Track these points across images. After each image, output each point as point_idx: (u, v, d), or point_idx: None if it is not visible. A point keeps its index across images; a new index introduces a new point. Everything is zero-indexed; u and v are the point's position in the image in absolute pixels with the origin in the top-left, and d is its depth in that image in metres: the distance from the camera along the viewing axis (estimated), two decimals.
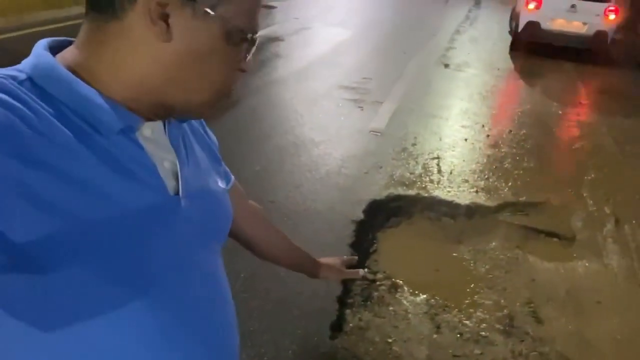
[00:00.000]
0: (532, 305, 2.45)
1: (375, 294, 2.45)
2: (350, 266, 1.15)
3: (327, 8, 10.25)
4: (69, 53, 0.56)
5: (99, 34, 0.54)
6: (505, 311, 2.40)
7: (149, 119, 0.59)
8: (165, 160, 0.61)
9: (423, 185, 3.44)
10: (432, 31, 9.00)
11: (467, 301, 2.47)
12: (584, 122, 5.05)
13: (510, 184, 3.56)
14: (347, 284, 2.46)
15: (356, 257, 1.17)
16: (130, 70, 0.55)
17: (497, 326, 2.31)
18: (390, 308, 2.37)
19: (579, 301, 2.49)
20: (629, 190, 3.58)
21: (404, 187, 3.40)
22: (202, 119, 0.66)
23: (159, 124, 0.61)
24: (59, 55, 0.56)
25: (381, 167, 3.63)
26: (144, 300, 0.57)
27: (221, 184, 0.75)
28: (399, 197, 3.28)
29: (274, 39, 7.16)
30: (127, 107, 0.55)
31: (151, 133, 0.59)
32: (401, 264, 2.71)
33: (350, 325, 2.22)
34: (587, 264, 2.77)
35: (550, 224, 3.13)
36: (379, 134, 4.24)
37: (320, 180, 3.40)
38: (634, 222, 3.16)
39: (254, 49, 0.60)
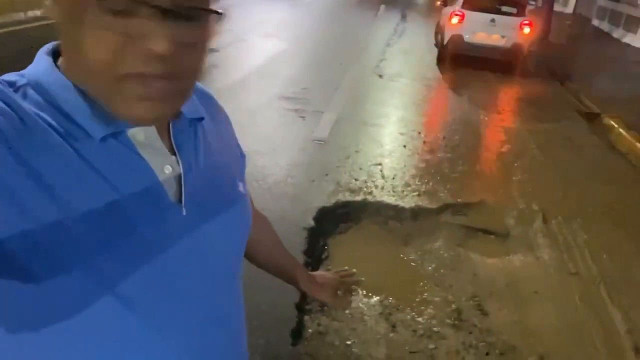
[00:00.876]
0: (476, 299, 2.61)
1: None
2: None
3: (260, 21, 10.29)
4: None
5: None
6: (453, 306, 2.54)
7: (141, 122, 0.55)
8: (165, 164, 0.58)
9: (369, 191, 3.56)
10: (364, 44, 9.30)
11: (417, 299, 2.58)
12: (508, 127, 5.44)
13: (448, 186, 3.77)
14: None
15: (354, 271, 1.11)
16: (77, 68, 0.52)
17: (447, 321, 2.44)
18: (347, 311, 2.42)
19: (518, 292, 2.68)
20: (552, 189, 3.91)
21: (351, 194, 3.49)
22: (138, 123, 0.56)
23: (151, 129, 0.57)
24: (62, 58, 0.55)
25: (327, 175, 3.70)
26: (133, 316, 0.55)
27: (242, 189, 0.71)
28: (346, 204, 3.37)
29: (209, 50, 7.09)
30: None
31: (144, 138, 0.56)
32: (353, 268, 2.77)
33: (310, 331, 2.25)
34: (521, 258, 3.00)
35: (487, 222, 3.35)
36: (322, 142, 4.32)
37: (269, 190, 3.41)
38: (559, 217, 3.45)
39: None
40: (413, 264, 2.89)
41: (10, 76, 0.53)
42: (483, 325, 2.41)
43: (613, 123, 5.76)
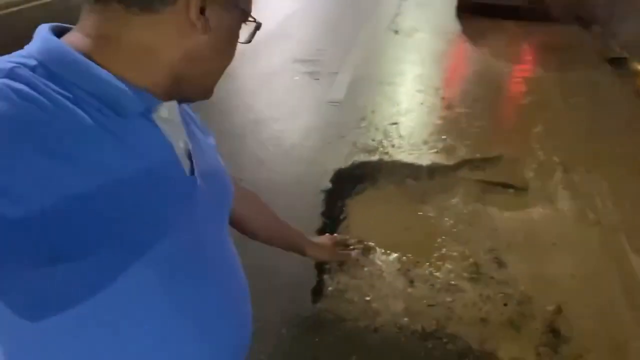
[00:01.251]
0: (494, 252, 2.63)
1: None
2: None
3: None
4: (76, 39, 0.55)
5: (119, 24, 0.54)
6: (471, 260, 2.57)
7: (161, 98, 0.60)
8: (179, 140, 0.63)
9: (385, 151, 3.55)
10: None
11: (435, 255, 2.61)
12: (530, 78, 5.28)
13: (466, 142, 3.73)
14: None
15: (348, 237, 1.17)
16: (156, 60, 0.56)
17: (465, 274, 2.47)
18: (365, 269, 2.49)
19: (536, 244, 2.69)
20: (574, 140, 3.82)
21: (367, 154, 3.49)
22: (203, 99, 0.66)
23: (174, 104, 0.62)
24: (64, 39, 0.55)
25: (343, 137, 3.71)
26: (168, 284, 0.59)
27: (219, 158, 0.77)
28: (363, 164, 3.38)
29: None
30: (143, 89, 0.56)
31: (168, 113, 0.61)
32: (371, 227, 2.82)
33: (330, 288, 2.32)
34: (541, 210, 2.98)
35: (505, 176, 3.32)
36: (337, 104, 4.30)
37: (285, 154, 3.44)
38: (581, 168, 3.39)
39: (256, 28, 0.67)
40: (431, 221, 2.91)
41: (15, 57, 0.52)
42: (500, 277, 2.44)
43: None
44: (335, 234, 1.21)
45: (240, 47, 0.65)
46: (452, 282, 2.42)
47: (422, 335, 2.08)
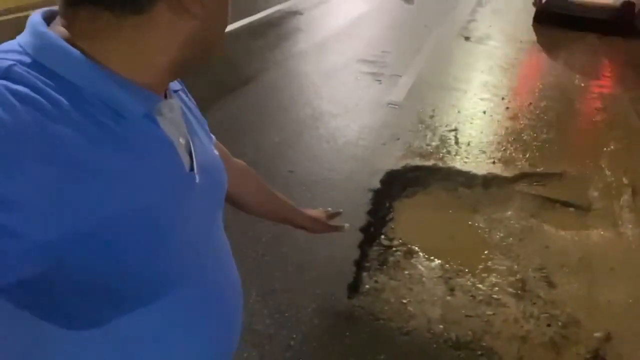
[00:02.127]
0: (544, 271, 2.51)
1: (391, 258, 2.54)
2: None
3: None
4: (68, 32, 0.51)
5: (108, 25, 0.50)
6: (518, 276, 2.47)
7: (161, 93, 0.58)
8: (180, 137, 0.61)
9: (440, 157, 3.49)
10: (453, 3, 8.84)
11: (480, 267, 2.53)
12: (607, 94, 4.97)
13: (527, 155, 3.58)
14: (364, 249, 2.55)
15: (341, 210, 1.17)
16: (155, 55, 0.54)
17: (510, 290, 2.38)
18: (406, 272, 2.46)
19: (592, 268, 2.54)
20: None
21: (421, 158, 3.44)
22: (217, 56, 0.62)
23: (175, 102, 0.61)
24: (58, 32, 0.52)
25: (398, 139, 3.67)
26: (172, 282, 0.59)
27: (214, 148, 0.75)
28: (416, 168, 3.33)
29: (293, 13, 7.15)
30: (144, 86, 0.54)
31: (169, 111, 0.59)
32: (417, 231, 2.78)
33: (367, 286, 2.32)
34: (601, 233, 2.80)
35: (567, 194, 3.15)
36: (396, 106, 4.26)
37: (338, 151, 3.46)
38: None
39: None
40: (479, 232, 2.82)
41: (6, 53, 0.49)
42: (548, 297, 2.33)
43: None
44: (329, 209, 1.20)
45: (309, 44, 0.64)
46: (495, 296, 2.33)
47: (455, 345, 2.03)
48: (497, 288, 2.39)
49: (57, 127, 0.46)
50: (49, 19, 0.54)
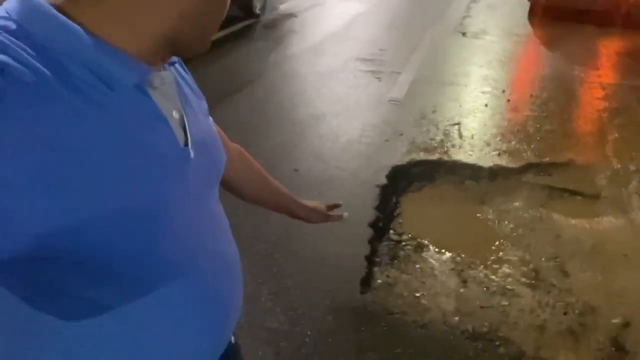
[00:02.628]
0: (557, 259, 2.48)
1: (402, 253, 2.51)
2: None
3: None
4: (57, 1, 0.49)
5: None
6: (531, 266, 2.44)
7: (154, 66, 0.56)
8: (173, 110, 0.59)
9: (445, 150, 3.46)
10: (447, 1, 8.84)
11: (492, 258, 2.51)
12: (607, 84, 4.96)
13: (532, 146, 3.56)
14: (373, 245, 2.53)
15: (341, 203, 1.13)
16: (150, 23, 0.51)
17: (523, 280, 2.35)
18: (417, 266, 2.43)
19: (605, 255, 2.51)
20: None
21: (426, 153, 3.42)
22: (201, 53, 0.61)
23: (167, 73, 0.58)
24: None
25: (402, 135, 3.65)
26: (166, 259, 0.57)
27: (211, 123, 0.74)
28: (420, 162, 3.31)
29: (288, 16, 7.14)
30: (135, 57, 0.52)
31: (160, 83, 0.56)
32: (426, 225, 2.76)
33: (379, 281, 2.29)
34: (612, 220, 2.78)
35: (574, 183, 3.13)
36: (398, 102, 4.24)
37: (342, 149, 3.44)
38: None
39: None
40: (489, 223, 2.80)
41: None
42: (562, 286, 2.30)
43: None
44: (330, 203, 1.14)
45: (304, 45, 0.63)
46: (509, 287, 2.31)
47: (472, 336, 2.00)
48: (510, 279, 2.36)
49: (41, 102, 0.44)
50: None
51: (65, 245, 0.47)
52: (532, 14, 7.81)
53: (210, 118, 0.77)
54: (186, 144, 0.59)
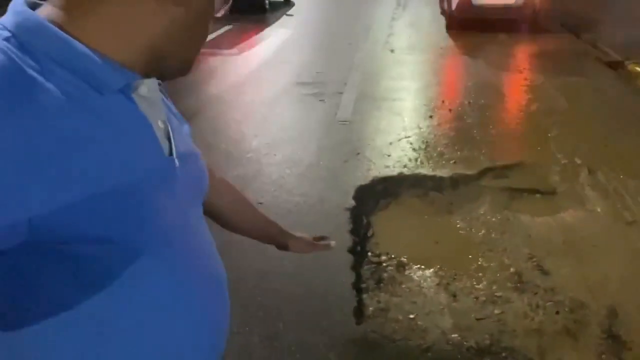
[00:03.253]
0: (534, 260, 2.52)
1: (385, 275, 2.45)
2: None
3: None
4: (51, 12, 0.52)
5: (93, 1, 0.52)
6: (512, 269, 2.46)
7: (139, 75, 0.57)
8: (159, 119, 0.60)
9: (403, 165, 3.48)
10: (369, 21, 9.14)
11: (473, 266, 2.51)
12: (533, 85, 5.28)
13: (483, 151, 3.67)
14: (356, 270, 2.44)
15: (327, 236, 1.10)
16: (135, 33, 0.54)
17: (509, 284, 2.36)
18: (403, 286, 2.37)
19: (576, 248, 2.59)
20: (592, 142, 3.77)
21: (385, 169, 3.41)
22: (184, 75, 0.64)
23: (154, 82, 0.60)
24: (38, 12, 0.52)
25: (358, 154, 3.63)
26: (155, 262, 0.56)
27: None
28: (383, 180, 3.29)
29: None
30: (123, 66, 0.54)
31: (147, 91, 0.58)
32: (401, 242, 2.72)
33: (371, 308, 2.20)
34: (574, 213, 2.90)
35: (530, 182, 3.25)
36: (347, 122, 4.24)
37: (303, 175, 3.35)
38: (605, 168, 3.33)
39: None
40: (462, 232, 2.81)
41: None
42: (546, 285, 2.33)
43: (639, 69, 5.56)
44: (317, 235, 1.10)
45: (240, 75, 0.60)
46: (497, 294, 2.30)
47: (478, 351, 1.95)
48: (495, 285, 2.36)
49: (27, 100, 0.45)
50: (33, 7, 0.54)
51: (41, 238, 0.47)
52: (449, 27, 8.27)
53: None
54: (171, 154, 0.60)
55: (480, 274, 2.44)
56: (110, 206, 0.50)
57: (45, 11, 0.52)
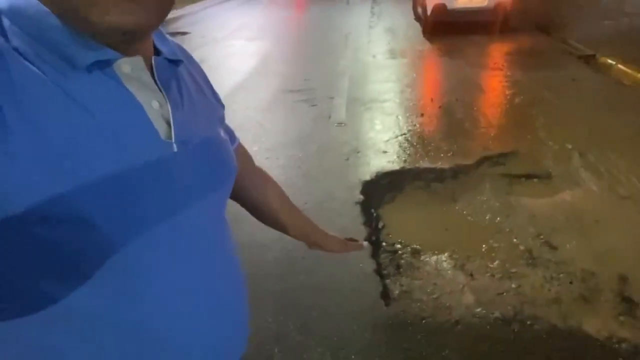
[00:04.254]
0: (541, 237, 2.64)
1: (402, 262, 2.53)
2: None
3: (238, 26, 10.27)
4: None
5: None
6: (522, 247, 2.58)
7: (126, 52, 0.52)
8: (152, 100, 0.56)
9: (403, 159, 3.59)
10: (346, 30, 9.33)
11: (484, 248, 2.61)
12: (514, 80, 5.50)
13: (477, 142, 3.81)
14: (375, 258, 2.51)
15: (358, 240, 1.08)
16: None
17: (521, 261, 2.47)
18: (421, 270, 2.45)
19: (579, 224, 2.72)
20: (578, 127, 3.96)
21: (387, 164, 3.52)
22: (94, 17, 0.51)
23: (138, 60, 0.54)
24: None
25: (359, 152, 3.73)
26: (141, 252, 0.53)
27: (222, 134, 0.71)
28: (386, 175, 3.39)
29: (201, 61, 7.08)
30: (102, 43, 0.49)
31: (131, 70, 0.53)
32: (412, 232, 2.80)
33: (396, 292, 2.27)
34: (572, 193, 3.04)
35: (526, 167, 3.39)
36: (342, 124, 4.34)
37: (308, 175, 3.42)
38: (594, 150, 3.50)
39: None
40: (468, 218, 2.92)
41: None
42: (557, 259, 2.45)
43: (611, 61, 5.84)
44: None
45: (229, 85, 0.61)
46: (512, 270, 2.41)
47: (505, 321, 2.04)
48: (508, 263, 2.47)
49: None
50: None
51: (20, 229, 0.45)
52: (425, 32, 8.52)
53: (238, 138, 0.81)
54: (170, 137, 0.56)
55: (492, 254, 2.55)
56: (91, 190, 0.47)
57: None
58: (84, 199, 0.47)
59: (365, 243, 1.07)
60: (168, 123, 0.56)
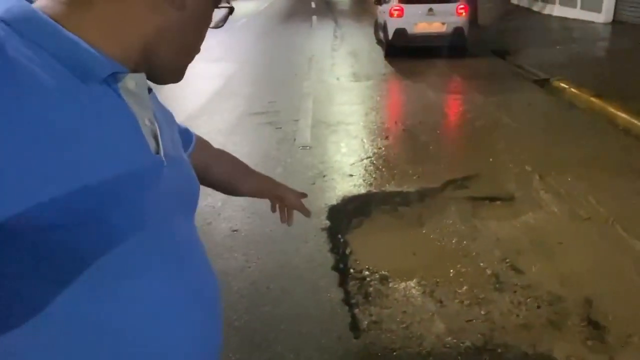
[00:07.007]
0: (507, 260, 2.65)
1: (371, 289, 2.48)
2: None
3: (202, 48, 10.16)
4: (46, 3, 0.52)
5: None
6: (489, 272, 2.57)
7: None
8: (146, 117, 0.59)
9: (369, 183, 3.57)
10: (309, 53, 9.40)
11: (452, 273, 2.59)
12: (475, 103, 5.63)
13: (442, 165, 3.84)
14: (343, 287, 2.45)
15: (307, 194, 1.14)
16: (128, 31, 0.55)
17: (488, 286, 2.46)
18: (390, 297, 2.41)
19: (543, 246, 2.76)
20: (535, 149, 4.07)
21: (353, 188, 3.49)
22: (175, 81, 0.65)
23: (142, 77, 0.59)
24: (34, 4, 0.53)
25: (325, 176, 3.69)
26: (129, 258, 0.54)
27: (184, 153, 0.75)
28: (353, 199, 3.36)
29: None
30: (110, 57, 0.53)
31: (135, 86, 0.57)
32: (380, 257, 2.77)
33: (365, 322, 2.21)
34: (534, 215, 3.09)
35: (489, 190, 3.44)
36: (307, 147, 4.31)
37: None
38: (553, 173, 3.59)
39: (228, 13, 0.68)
40: (435, 242, 2.91)
41: None
42: (523, 283, 2.46)
43: (564, 85, 6.09)
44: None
45: (193, 107, 0.63)
46: (480, 296, 2.39)
47: (476, 350, 2.01)
48: (476, 289, 2.46)
49: (12, 85, 0.44)
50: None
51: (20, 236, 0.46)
52: (387, 55, 8.68)
53: (194, 132, 0.88)
54: (157, 153, 0.59)
55: (460, 279, 2.53)
56: (87, 199, 0.48)
57: (44, 2, 0.53)
58: (83, 200, 0.48)
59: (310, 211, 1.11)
60: (155, 139, 0.59)
